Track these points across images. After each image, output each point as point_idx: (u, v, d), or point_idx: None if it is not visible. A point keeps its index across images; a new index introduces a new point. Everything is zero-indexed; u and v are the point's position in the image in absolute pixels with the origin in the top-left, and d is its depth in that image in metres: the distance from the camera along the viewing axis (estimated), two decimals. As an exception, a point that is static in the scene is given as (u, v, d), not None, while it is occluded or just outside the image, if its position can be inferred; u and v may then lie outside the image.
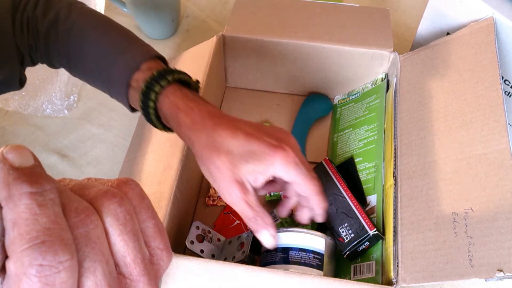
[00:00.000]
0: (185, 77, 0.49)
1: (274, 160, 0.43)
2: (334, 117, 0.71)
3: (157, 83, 0.46)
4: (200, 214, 0.62)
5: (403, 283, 0.45)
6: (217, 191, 0.46)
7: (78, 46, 0.52)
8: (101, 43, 0.52)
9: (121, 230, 0.22)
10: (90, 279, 0.20)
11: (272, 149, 0.42)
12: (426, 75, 0.58)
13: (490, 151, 0.47)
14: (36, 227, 0.18)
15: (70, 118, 0.75)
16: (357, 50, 0.65)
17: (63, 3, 0.53)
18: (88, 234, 0.21)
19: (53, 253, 0.18)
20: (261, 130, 0.44)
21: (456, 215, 0.46)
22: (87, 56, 0.52)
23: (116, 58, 0.50)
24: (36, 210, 0.19)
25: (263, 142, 0.43)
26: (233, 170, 0.43)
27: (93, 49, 0.52)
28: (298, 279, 0.45)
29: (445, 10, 0.60)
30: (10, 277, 0.19)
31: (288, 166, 0.43)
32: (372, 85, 0.68)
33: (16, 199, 0.19)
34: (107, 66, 0.51)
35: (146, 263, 0.23)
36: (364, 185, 0.58)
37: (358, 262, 0.53)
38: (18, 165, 0.19)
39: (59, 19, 0.52)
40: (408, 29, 0.84)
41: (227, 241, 0.54)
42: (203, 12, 0.91)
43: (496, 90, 0.50)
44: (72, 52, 0.53)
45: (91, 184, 0.23)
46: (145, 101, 0.47)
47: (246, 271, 0.45)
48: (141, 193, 0.24)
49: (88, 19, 0.53)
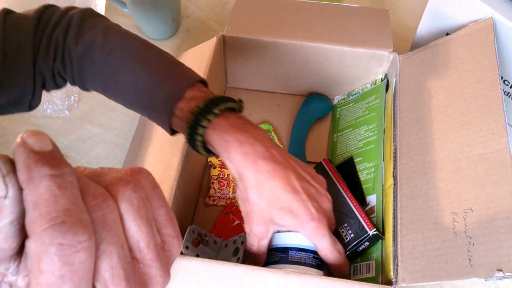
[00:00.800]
0: (231, 104, 0.48)
1: (306, 226, 0.47)
2: (334, 117, 0.71)
3: (204, 118, 0.46)
4: (200, 214, 0.63)
5: (402, 282, 0.45)
6: (244, 223, 0.50)
7: (116, 73, 0.51)
8: (141, 70, 0.50)
9: (135, 215, 0.22)
10: (106, 262, 0.21)
11: (309, 217, 0.46)
12: (426, 75, 0.58)
13: (489, 151, 0.47)
14: (56, 207, 0.19)
15: (71, 118, 0.75)
16: (357, 50, 0.65)
17: (97, 27, 0.52)
18: (105, 217, 0.21)
19: (73, 233, 0.19)
20: (308, 191, 0.47)
21: (456, 215, 0.46)
22: (126, 84, 0.51)
23: (157, 86, 0.49)
24: (56, 192, 0.19)
25: (305, 208, 0.46)
26: (267, 216, 0.47)
27: (132, 77, 0.51)
28: (298, 279, 0.45)
29: (444, 10, 0.61)
30: (30, 256, 0.19)
31: (315, 237, 0.47)
32: (372, 85, 0.68)
33: (37, 181, 0.19)
34: (148, 93, 0.50)
35: (158, 249, 0.24)
36: (364, 185, 0.58)
37: (357, 262, 0.53)
38: (38, 149, 0.20)
39: (95, 44, 0.51)
40: (408, 29, 0.84)
41: (223, 244, 0.54)
42: (203, 12, 0.91)
43: (495, 90, 0.50)
44: (109, 80, 0.52)
45: (105, 171, 0.23)
46: (192, 134, 0.47)
47: (246, 271, 0.45)
48: (154, 182, 0.25)
49: (124, 44, 0.52)
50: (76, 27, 0.51)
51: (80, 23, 0.52)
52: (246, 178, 0.47)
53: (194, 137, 0.47)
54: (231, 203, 0.63)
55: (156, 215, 0.24)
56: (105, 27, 0.52)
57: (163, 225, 0.25)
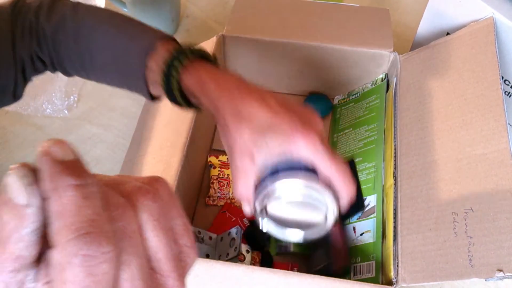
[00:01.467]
0: (204, 52, 0.49)
1: (293, 139, 0.41)
2: (334, 117, 0.71)
3: (178, 61, 0.46)
4: (200, 214, 0.62)
5: (403, 283, 0.45)
6: (228, 158, 0.45)
7: (89, 42, 0.52)
8: (112, 34, 0.51)
9: (154, 226, 0.22)
10: (126, 272, 0.21)
11: (294, 130, 0.41)
12: (426, 75, 0.58)
13: (490, 151, 0.47)
14: (81, 218, 0.19)
15: (70, 118, 0.75)
16: (357, 50, 0.65)
17: (67, 5, 0.53)
18: (125, 228, 0.21)
19: (97, 244, 0.19)
20: (289, 109, 0.43)
21: (456, 215, 0.46)
22: (100, 51, 0.52)
23: (129, 44, 0.50)
24: (80, 202, 0.19)
25: (289, 123, 0.41)
26: (250, 143, 0.42)
27: (104, 42, 0.52)
28: (298, 279, 0.45)
29: (445, 10, 0.61)
30: (54, 266, 0.19)
31: (309, 145, 0.41)
32: (372, 85, 0.68)
33: (61, 190, 0.19)
34: (122, 54, 0.50)
35: (176, 260, 0.24)
36: (364, 185, 0.58)
37: (358, 262, 0.53)
38: (62, 158, 0.20)
39: (66, 19, 0.52)
40: (408, 29, 0.84)
41: (219, 238, 0.55)
42: (203, 12, 0.91)
43: (496, 90, 0.50)
44: (84, 50, 0.52)
45: (124, 180, 0.23)
46: (167, 80, 0.47)
47: (246, 271, 0.45)
48: (171, 191, 0.25)
49: (94, 15, 0.53)
50: (47, 7, 0.53)
51: (50, 3, 0.53)
52: (222, 108, 0.44)
53: (170, 85, 0.47)
54: (230, 202, 0.63)
55: (173, 225, 0.24)
56: (74, 4, 0.54)
57: (180, 235, 0.24)
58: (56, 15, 0.52)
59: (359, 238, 0.54)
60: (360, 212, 0.56)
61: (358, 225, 0.55)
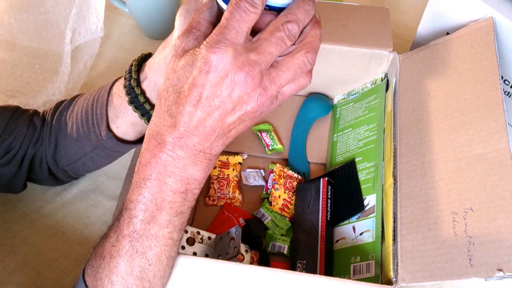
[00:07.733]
0: (147, 54, 0.52)
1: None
2: (334, 117, 0.71)
3: (129, 72, 0.50)
4: (200, 214, 0.63)
5: (402, 282, 0.45)
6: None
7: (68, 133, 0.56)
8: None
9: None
10: None
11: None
12: (426, 75, 0.58)
13: (489, 151, 0.47)
14: None
15: (70, 118, 0.75)
16: (357, 50, 0.65)
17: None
18: None
19: None
20: None
21: (456, 215, 0.46)
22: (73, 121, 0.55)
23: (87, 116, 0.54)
24: None
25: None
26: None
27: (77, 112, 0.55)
28: (298, 279, 0.45)
29: (444, 10, 0.61)
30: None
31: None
32: (372, 85, 0.68)
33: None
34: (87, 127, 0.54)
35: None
36: (364, 184, 0.58)
37: (357, 262, 0.53)
38: None
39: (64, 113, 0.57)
40: (408, 29, 0.84)
41: (218, 237, 0.55)
42: (203, 12, 0.91)
43: (495, 90, 0.50)
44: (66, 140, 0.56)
45: None
46: (131, 95, 0.49)
47: (246, 271, 0.45)
48: None
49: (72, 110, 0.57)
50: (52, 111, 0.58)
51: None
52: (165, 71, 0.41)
53: (135, 98, 0.49)
54: (230, 202, 0.63)
55: None
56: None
57: None
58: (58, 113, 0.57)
59: (358, 237, 0.54)
60: (359, 211, 0.56)
61: (357, 225, 0.55)
